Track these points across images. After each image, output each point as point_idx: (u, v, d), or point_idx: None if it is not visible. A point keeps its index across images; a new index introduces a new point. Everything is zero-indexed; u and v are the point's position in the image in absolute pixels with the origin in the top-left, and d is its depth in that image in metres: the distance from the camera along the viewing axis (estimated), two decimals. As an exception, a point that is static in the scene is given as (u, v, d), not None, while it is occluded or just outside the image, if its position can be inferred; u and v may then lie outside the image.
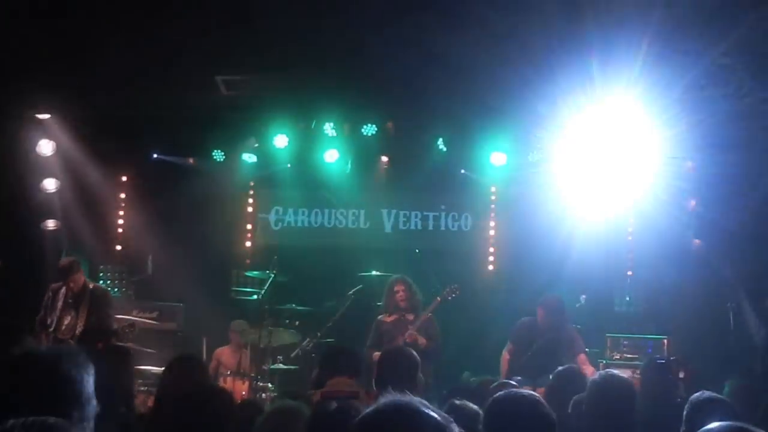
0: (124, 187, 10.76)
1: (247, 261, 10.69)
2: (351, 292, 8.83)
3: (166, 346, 8.88)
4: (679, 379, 6.65)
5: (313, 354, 8.43)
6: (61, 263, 8.10)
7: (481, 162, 9.94)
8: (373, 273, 9.01)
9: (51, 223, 9.77)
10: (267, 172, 10.58)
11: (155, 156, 10.24)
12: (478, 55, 7.55)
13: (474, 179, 10.27)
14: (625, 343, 8.88)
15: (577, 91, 7.92)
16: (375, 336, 7.98)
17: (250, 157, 10.21)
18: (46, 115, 9.52)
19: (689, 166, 8.96)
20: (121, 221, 10.78)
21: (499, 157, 9.73)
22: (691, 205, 9.01)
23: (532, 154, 9.70)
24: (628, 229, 10.12)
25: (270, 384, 8.43)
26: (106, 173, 10.08)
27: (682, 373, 6.86)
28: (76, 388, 2.11)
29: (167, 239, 9.92)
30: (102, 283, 9.87)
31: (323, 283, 9.71)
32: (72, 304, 7.88)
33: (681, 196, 9.14)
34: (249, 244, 10.87)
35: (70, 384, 2.11)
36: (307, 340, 8.66)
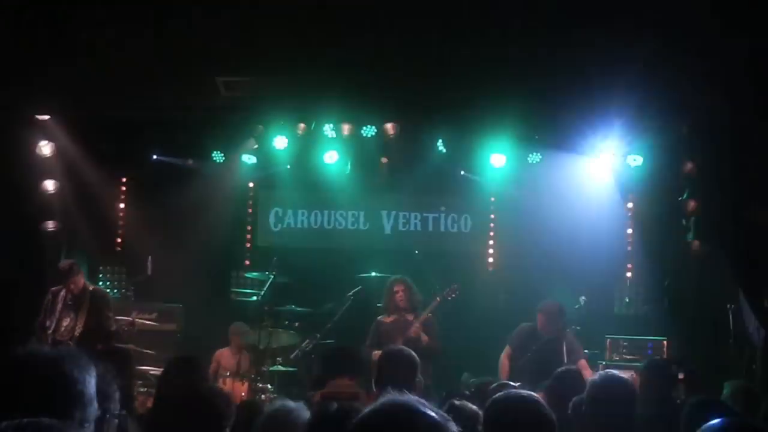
0: (123, 189, 10.76)
1: (247, 262, 10.69)
2: (351, 293, 8.82)
3: (166, 347, 8.87)
4: (679, 381, 6.64)
5: (313, 355, 8.42)
6: (60, 265, 8.10)
7: (480, 163, 9.93)
8: (373, 274, 9.00)
9: (51, 225, 9.76)
10: (267, 173, 10.57)
11: (155, 157, 10.22)
12: (477, 55, 7.56)
13: (474, 181, 10.25)
14: (624, 344, 8.88)
15: (577, 91, 7.92)
16: (374, 336, 7.99)
17: (249, 158, 10.19)
18: (46, 116, 9.51)
19: (689, 166, 8.96)
20: (120, 222, 10.78)
21: (498, 159, 9.72)
22: (691, 205, 9.00)
23: (531, 155, 9.70)
24: (628, 230, 10.11)
25: (269, 385, 8.42)
26: (106, 175, 10.06)
27: (681, 375, 6.85)
28: (77, 389, 2.10)
29: (167, 240, 9.91)
30: (101, 284, 9.89)
31: (323, 285, 9.69)
32: (71, 305, 7.88)
33: (680, 196, 9.15)
34: (248, 245, 10.86)
35: (72, 385, 2.10)
36: (307, 341, 8.65)
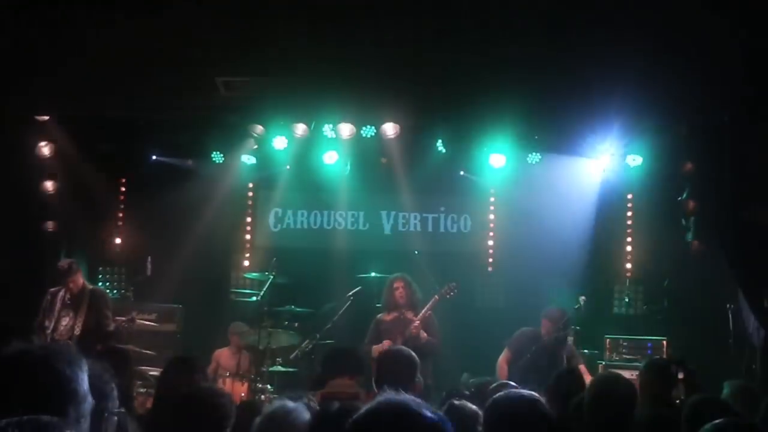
0: (123, 189, 10.76)
1: (246, 263, 10.69)
2: (350, 293, 8.81)
3: (165, 347, 8.88)
4: (679, 381, 6.64)
5: (313, 355, 8.42)
6: (60, 265, 8.10)
7: (480, 164, 9.93)
8: (373, 274, 8.99)
9: (50, 225, 9.76)
10: (266, 173, 10.57)
11: (154, 158, 10.22)
12: (477, 55, 7.56)
13: (473, 181, 10.25)
14: (624, 344, 8.87)
15: (576, 91, 7.92)
16: (374, 334, 8.00)
17: (249, 158, 10.19)
18: (46, 116, 9.51)
19: (688, 166, 8.97)
20: (120, 222, 10.78)
21: (498, 159, 9.71)
22: (690, 205, 9.00)
23: (531, 156, 9.70)
24: (627, 230, 10.12)
25: (269, 385, 8.41)
26: (106, 175, 10.07)
27: (681, 375, 6.84)
28: (71, 386, 2.10)
29: (166, 241, 9.91)
30: (101, 284, 9.88)
31: (322, 285, 9.69)
32: (70, 305, 7.88)
33: (680, 196, 9.15)
34: (248, 245, 10.86)
35: (65, 382, 2.09)
36: (306, 341, 8.64)
